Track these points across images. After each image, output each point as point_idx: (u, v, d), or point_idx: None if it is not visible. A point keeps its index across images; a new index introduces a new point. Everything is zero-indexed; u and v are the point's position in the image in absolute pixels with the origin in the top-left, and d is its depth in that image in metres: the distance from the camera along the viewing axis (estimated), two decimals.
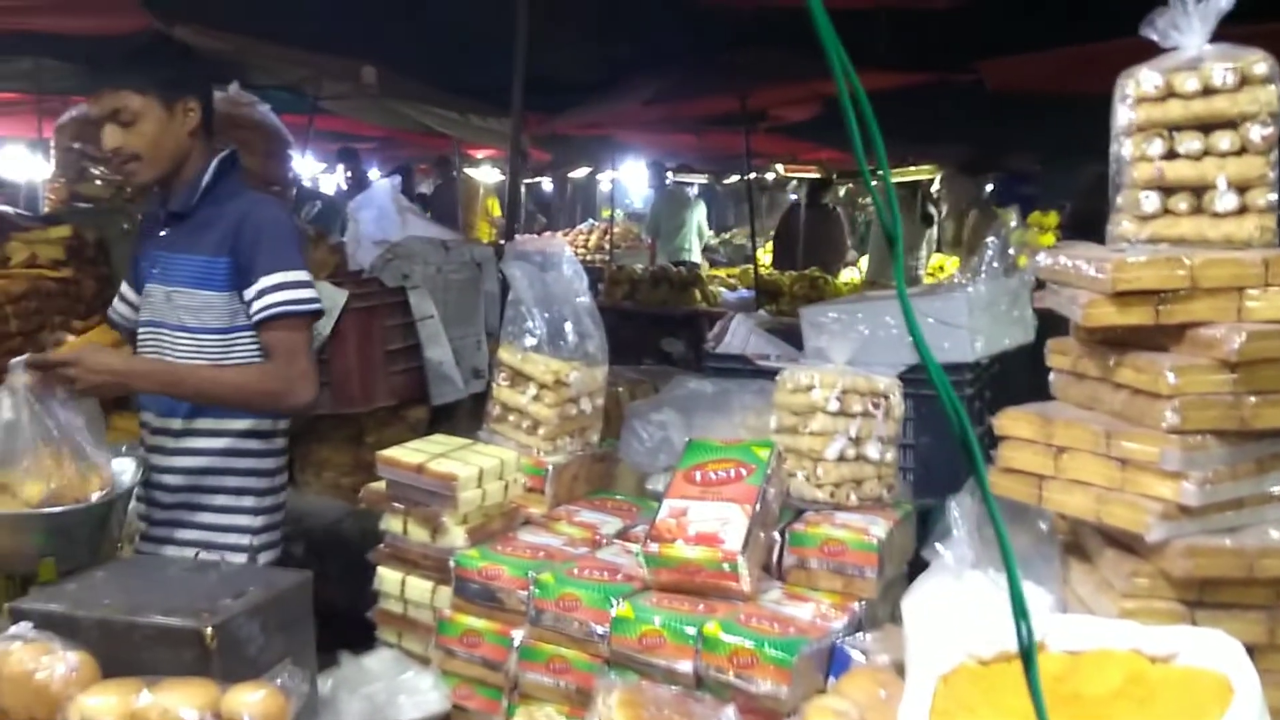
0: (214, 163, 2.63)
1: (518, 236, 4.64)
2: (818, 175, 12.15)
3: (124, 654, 1.82)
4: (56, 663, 1.74)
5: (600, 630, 1.97)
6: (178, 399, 2.60)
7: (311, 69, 7.55)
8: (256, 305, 2.53)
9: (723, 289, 9.04)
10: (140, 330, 2.70)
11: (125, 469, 2.44)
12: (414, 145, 13.51)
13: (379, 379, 3.95)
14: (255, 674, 1.77)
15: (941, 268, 10.11)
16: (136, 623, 1.84)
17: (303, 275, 2.58)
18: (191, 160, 2.62)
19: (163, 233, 2.66)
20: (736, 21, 5.60)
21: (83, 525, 2.30)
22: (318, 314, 2.63)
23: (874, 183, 0.94)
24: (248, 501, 2.68)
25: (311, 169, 11.78)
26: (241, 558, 2.60)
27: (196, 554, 2.54)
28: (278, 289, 2.52)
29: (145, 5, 5.57)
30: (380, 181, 4.78)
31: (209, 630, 1.79)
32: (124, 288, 2.90)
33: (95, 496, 2.28)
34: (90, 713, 1.67)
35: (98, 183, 4.74)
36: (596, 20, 5.74)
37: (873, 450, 2.32)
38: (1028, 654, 0.85)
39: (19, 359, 2.31)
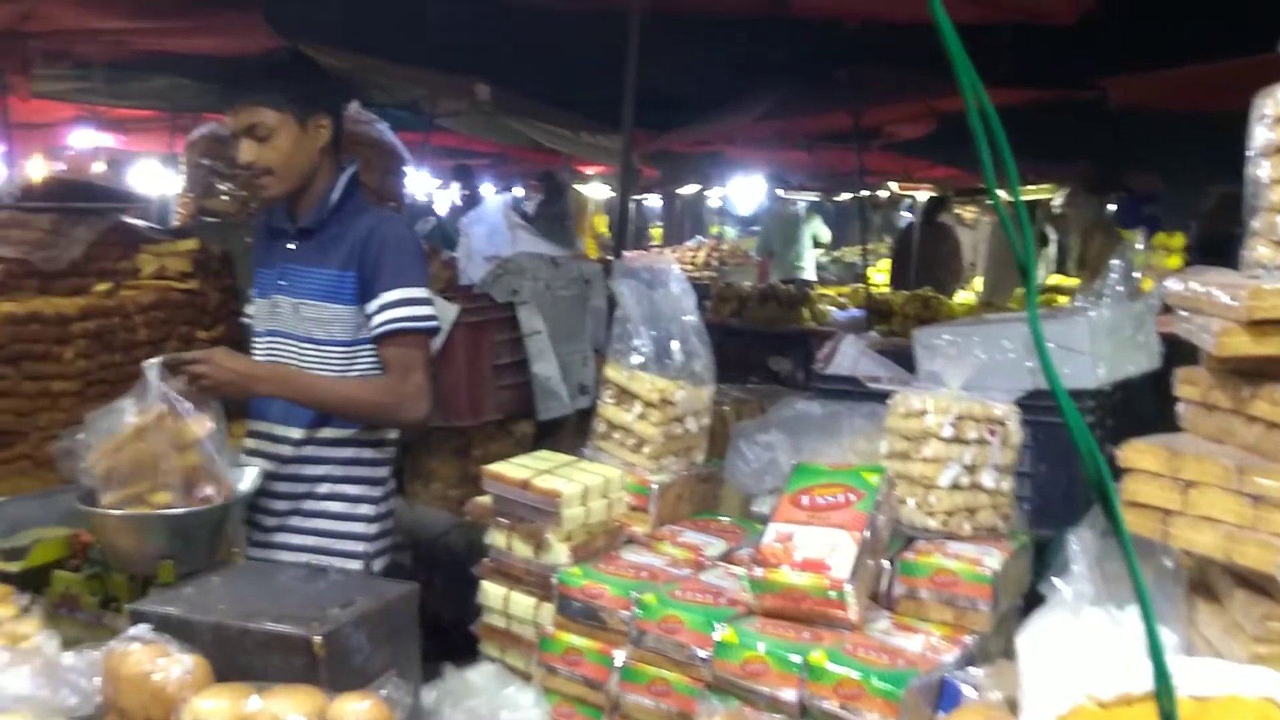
0: (343, 179, 2.71)
1: (626, 253, 4.65)
2: (934, 193, 11.95)
3: (236, 658, 1.86)
4: (172, 665, 1.79)
5: (703, 654, 1.95)
6: (301, 405, 2.66)
7: (428, 86, 7.72)
8: (376, 320, 2.59)
9: (832, 308, 8.93)
10: (260, 339, 2.77)
11: (243, 475, 2.52)
12: (526, 161, 13.70)
13: (487, 393, 4.00)
14: (361, 683, 1.80)
15: (1058, 288, 9.81)
16: (248, 628, 1.88)
17: (423, 293, 2.64)
18: (320, 176, 2.69)
19: (291, 246, 2.72)
20: (844, 37, 5.55)
21: (202, 528, 2.37)
22: (435, 331, 2.68)
23: (1001, 202, 0.91)
24: (364, 509, 2.73)
25: (427, 186, 12.03)
26: (356, 565, 2.65)
27: (308, 562, 2.59)
28: (397, 305, 2.58)
29: (270, 26, 5.77)
30: (492, 198, 4.85)
31: (318, 639, 1.82)
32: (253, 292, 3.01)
33: (217, 501, 2.36)
34: (203, 716, 1.71)
35: (224, 198, 4.91)
36: (706, 37, 5.75)
37: (988, 479, 2.25)
38: (1165, 698, 0.80)
39: (153, 360, 2.40)
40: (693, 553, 2.34)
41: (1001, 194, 0.89)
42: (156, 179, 12.07)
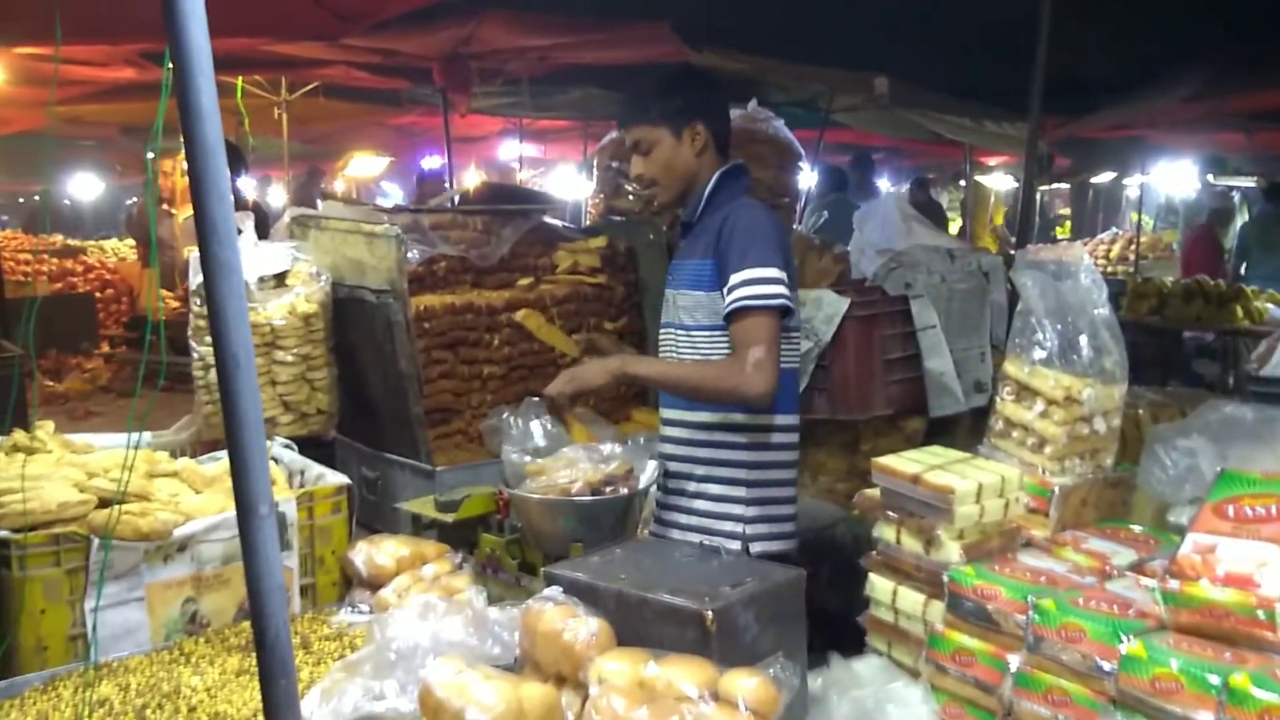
0: (716, 175, 2.83)
1: (1030, 245, 4.42)
2: None
3: (633, 625, 1.98)
4: (580, 626, 1.93)
5: (1107, 666, 1.82)
6: (661, 388, 2.88)
7: (826, 83, 7.76)
8: (726, 301, 2.67)
9: (1270, 305, 7.96)
10: (661, 329, 2.95)
11: (647, 469, 2.68)
12: (923, 155, 13.39)
13: (877, 387, 3.95)
14: (749, 661, 1.84)
15: None
16: (647, 598, 1.99)
17: (771, 272, 2.66)
18: (701, 177, 2.85)
19: (682, 241, 2.91)
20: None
21: (607, 515, 2.55)
22: (784, 310, 2.69)
23: None
24: (739, 492, 2.80)
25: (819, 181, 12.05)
26: (735, 545, 2.72)
27: (701, 542, 2.69)
28: (743, 285, 2.64)
29: (677, 35, 6.05)
30: (886, 191, 4.79)
31: (710, 613, 1.89)
32: None
33: (622, 491, 2.53)
34: (607, 675, 1.83)
35: (630, 198, 5.21)
36: (1123, 14, 5.33)
37: None
38: None
39: (532, 399, 2.80)
40: (1098, 560, 2.19)
41: None
42: (571, 184, 13.04)
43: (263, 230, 4.18)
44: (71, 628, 2.34)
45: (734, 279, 2.66)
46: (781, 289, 2.67)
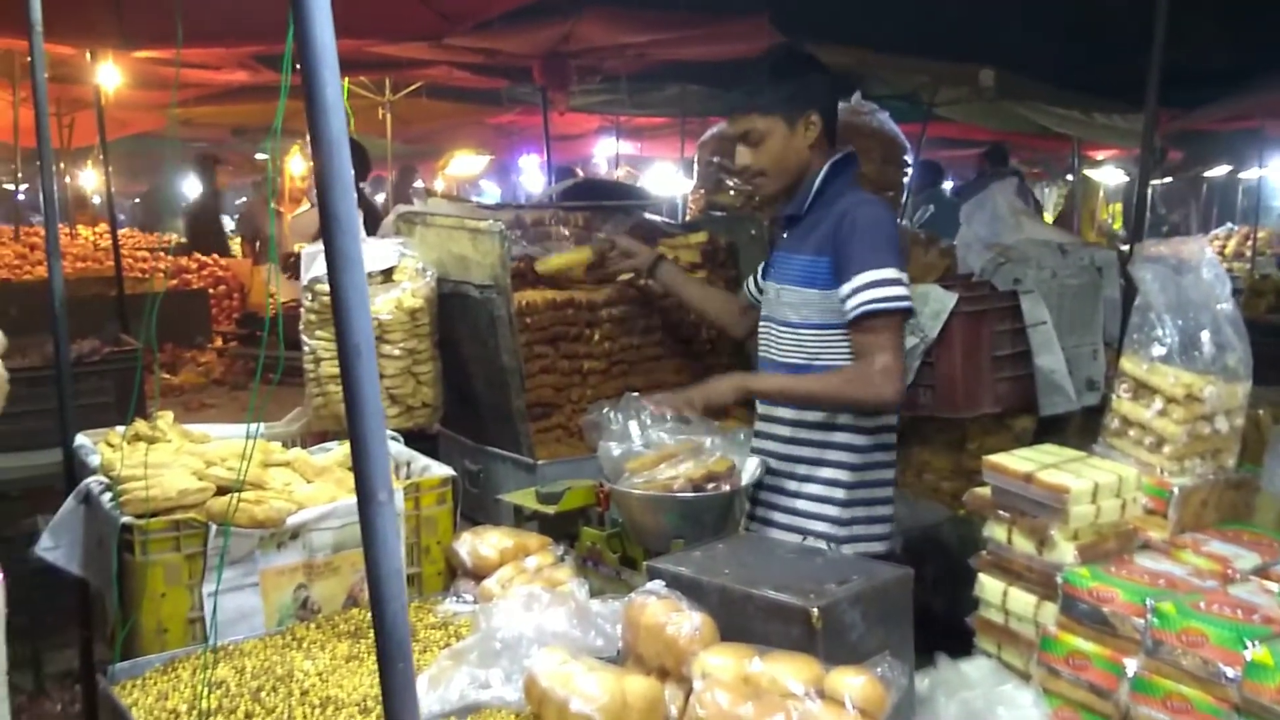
0: (826, 166, 2.75)
1: (1146, 240, 4.28)
2: None
3: (737, 621, 1.97)
4: (683, 620, 1.93)
5: (1230, 673, 1.75)
6: (788, 402, 2.81)
7: (930, 75, 7.63)
8: (849, 304, 2.61)
9: None
10: (760, 324, 2.92)
11: (748, 467, 2.66)
12: (1028, 148, 13.08)
13: (984, 385, 3.87)
14: (855, 660, 1.82)
15: None
16: (751, 594, 1.98)
17: (893, 273, 2.61)
18: (812, 168, 2.76)
19: (785, 234, 2.85)
20: None
21: (709, 512, 2.55)
22: (908, 312, 2.64)
23: None
24: (838, 494, 2.77)
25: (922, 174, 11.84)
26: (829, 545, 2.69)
27: (804, 538, 2.67)
28: (867, 288, 2.59)
29: (776, 28, 6.00)
30: (995, 184, 4.68)
31: (815, 610, 1.87)
32: (755, 276, 3.20)
33: (724, 488, 2.53)
34: (711, 670, 1.83)
35: (731, 193, 5.18)
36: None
37: None
38: None
39: (632, 395, 2.77)
40: (1220, 564, 2.11)
41: None
42: (668, 181, 13.05)
43: (370, 227, 4.26)
44: (190, 611, 2.41)
45: (858, 280, 2.60)
46: (904, 290, 2.63)
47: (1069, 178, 12.11)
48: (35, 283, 8.14)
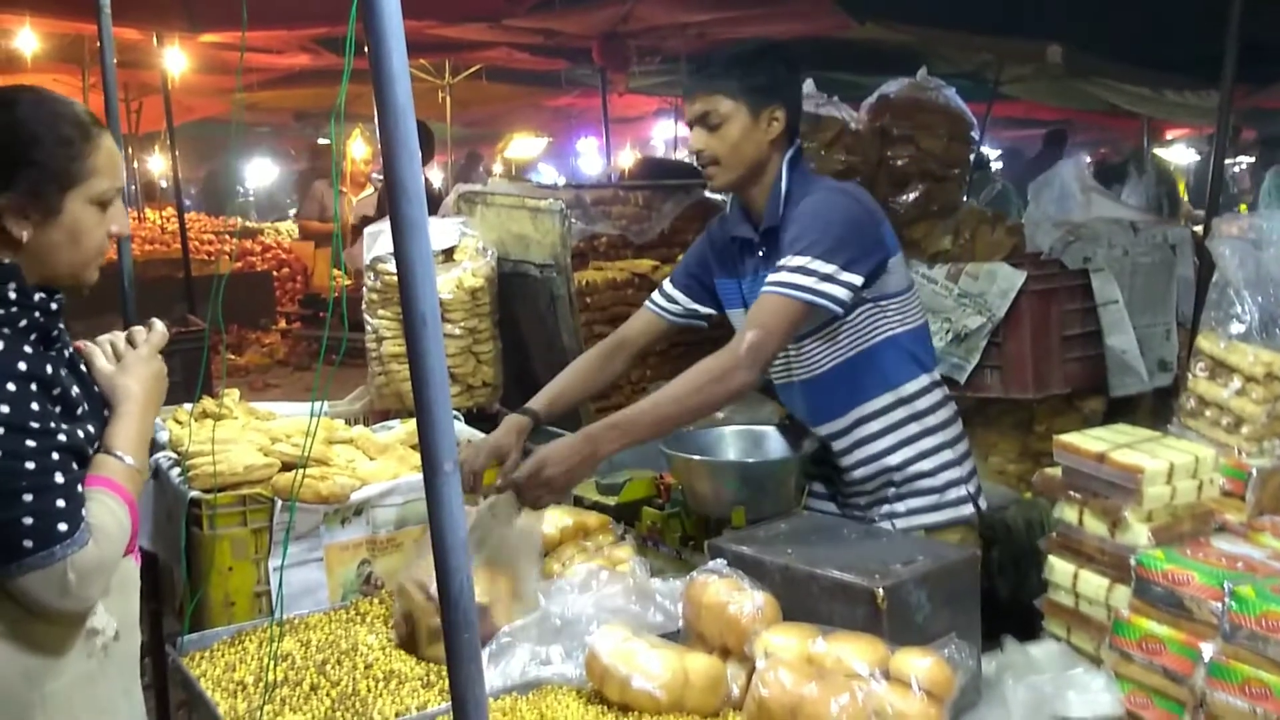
0: (783, 165, 2.59)
1: (1222, 216, 4.16)
2: None
3: (801, 600, 1.95)
4: (745, 599, 1.91)
5: None
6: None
7: (995, 52, 7.49)
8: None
9: None
10: None
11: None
12: (1095, 127, 12.83)
13: (1053, 365, 3.79)
14: (921, 641, 1.79)
15: None
16: (815, 574, 1.95)
17: (820, 265, 2.41)
18: (769, 169, 2.60)
19: (760, 252, 2.66)
20: None
21: (770, 479, 2.53)
22: (814, 307, 2.42)
23: None
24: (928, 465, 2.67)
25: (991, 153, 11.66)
26: (885, 524, 2.62)
27: (872, 519, 2.63)
28: (783, 270, 2.43)
29: (839, 6, 5.93)
30: (1063, 162, 4.58)
31: (880, 590, 1.84)
32: (672, 287, 2.90)
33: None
34: (774, 649, 1.81)
35: None
36: None
37: None
38: None
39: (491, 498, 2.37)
40: None
41: None
42: None
43: (431, 208, 4.29)
44: (257, 585, 2.45)
45: (782, 263, 2.44)
46: (827, 286, 2.41)
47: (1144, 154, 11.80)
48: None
